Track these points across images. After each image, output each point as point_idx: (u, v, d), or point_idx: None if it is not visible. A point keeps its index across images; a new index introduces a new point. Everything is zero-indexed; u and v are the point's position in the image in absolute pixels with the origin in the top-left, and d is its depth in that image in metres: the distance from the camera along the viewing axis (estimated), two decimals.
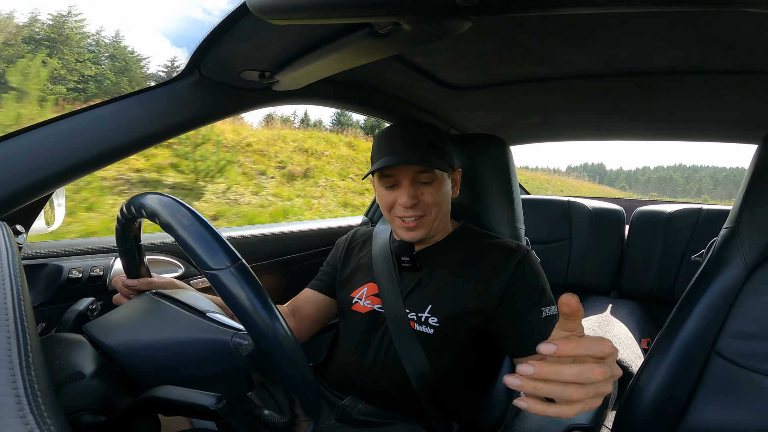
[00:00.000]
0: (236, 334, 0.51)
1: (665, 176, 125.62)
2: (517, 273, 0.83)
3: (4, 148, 0.68)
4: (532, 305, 0.81)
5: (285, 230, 1.38)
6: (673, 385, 0.83)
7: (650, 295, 1.93)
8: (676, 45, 0.80)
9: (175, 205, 0.50)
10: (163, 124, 0.79)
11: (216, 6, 24.64)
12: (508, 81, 1.08)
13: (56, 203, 0.86)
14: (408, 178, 0.84)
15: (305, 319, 1.00)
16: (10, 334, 0.32)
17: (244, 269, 0.47)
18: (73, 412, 0.44)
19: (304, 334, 1.00)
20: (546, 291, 0.84)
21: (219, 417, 0.43)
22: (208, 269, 0.46)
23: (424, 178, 0.84)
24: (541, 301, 0.82)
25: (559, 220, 2.06)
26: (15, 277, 0.39)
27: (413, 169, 0.84)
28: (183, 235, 0.48)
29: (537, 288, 0.83)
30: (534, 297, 0.82)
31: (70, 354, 0.50)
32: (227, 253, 0.47)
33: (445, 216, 0.90)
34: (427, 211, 0.86)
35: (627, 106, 1.23)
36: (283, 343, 0.47)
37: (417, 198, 0.84)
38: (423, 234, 0.87)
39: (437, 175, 0.85)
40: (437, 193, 0.85)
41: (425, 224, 0.87)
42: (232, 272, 0.46)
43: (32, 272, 0.85)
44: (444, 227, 0.93)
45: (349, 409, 0.85)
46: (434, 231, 0.89)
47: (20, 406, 0.27)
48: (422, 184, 0.85)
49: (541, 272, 0.86)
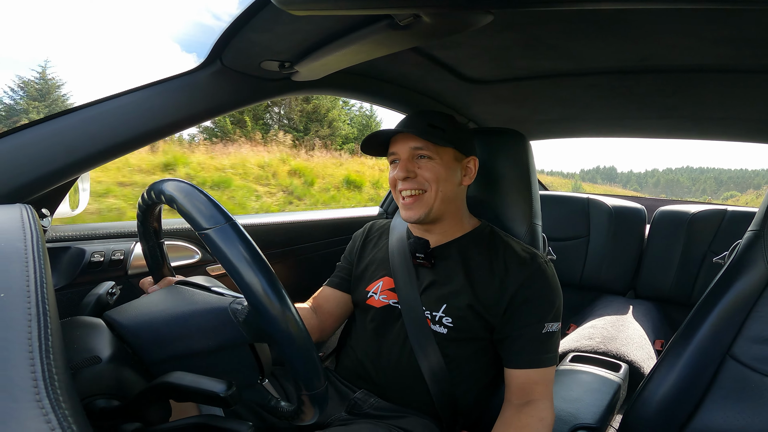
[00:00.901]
0: (234, 300, 0.52)
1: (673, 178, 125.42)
2: (528, 283, 0.82)
3: (31, 134, 0.70)
4: (535, 319, 0.81)
5: (299, 219, 1.39)
6: (685, 387, 0.82)
7: (668, 296, 1.89)
8: (706, 43, 0.77)
9: (180, 183, 0.52)
10: (186, 112, 0.81)
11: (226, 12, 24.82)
12: (530, 75, 1.06)
13: (81, 188, 0.89)
14: (405, 151, 0.86)
15: (327, 316, 1.01)
16: (31, 316, 0.33)
17: (235, 227, 0.48)
18: (87, 396, 0.45)
19: (327, 331, 1.01)
20: (554, 306, 0.83)
21: (228, 403, 0.43)
22: (201, 229, 0.48)
23: (422, 152, 0.85)
24: (545, 317, 0.81)
25: (577, 217, 2.02)
26: (38, 260, 0.40)
27: (410, 144, 0.85)
28: (181, 202, 0.50)
29: (545, 302, 0.82)
30: (539, 311, 0.81)
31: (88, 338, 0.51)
32: (220, 213, 0.48)
33: (449, 199, 0.88)
34: (425, 185, 0.85)
35: (653, 103, 1.19)
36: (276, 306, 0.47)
37: (414, 172, 0.85)
38: (421, 214, 0.85)
39: (438, 152, 0.85)
40: (437, 169, 0.85)
41: (424, 202, 0.85)
42: (223, 230, 0.47)
43: (56, 255, 0.87)
44: (456, 218, 0.92)
45: (360, 402, 0.86)
46: (437, 213, 0.87)
47: (37, 390, 0.28)
48: (420, 158, 0.85)
49: (554, 286, 0.84)
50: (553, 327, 0.81)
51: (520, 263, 0.84)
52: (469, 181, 0.91)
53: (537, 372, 0.80)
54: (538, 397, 0.79)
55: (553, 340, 0.82)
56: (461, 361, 0.85)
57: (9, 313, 0.33)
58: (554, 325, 0.82)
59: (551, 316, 0.82)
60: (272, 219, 1.32)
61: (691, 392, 0.82)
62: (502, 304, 0.82)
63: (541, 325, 0.80)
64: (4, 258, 0.39)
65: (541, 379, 0.80)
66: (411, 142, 0.85)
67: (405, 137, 0.86)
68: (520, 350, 0.81)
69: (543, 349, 0.80)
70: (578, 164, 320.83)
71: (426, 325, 0.84)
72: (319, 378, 0.51)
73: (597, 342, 1.43)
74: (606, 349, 1.38)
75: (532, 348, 0.80)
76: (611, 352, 1.36)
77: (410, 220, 0.87)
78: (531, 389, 0.80)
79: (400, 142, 0.86)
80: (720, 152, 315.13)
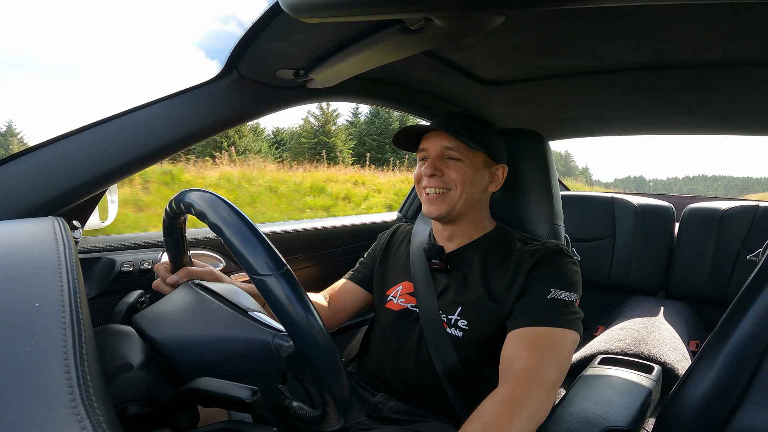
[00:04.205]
0: (277, 335, 0.53)
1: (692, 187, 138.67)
2: (537, 264, 0.82)
3: (59, 149, 0.73)
4: (539, 286, 0.79)
5: (321, 226, 1.41)
6: (722, 388, 0.79)
7: (701, 296, 1.81)
8: (730, 37, 0.74)
9: (223, 206, 0.52)
10: (206, 122, 0.83)
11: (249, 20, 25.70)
12: (548, 75, 1.04)
13: (110, 200, 0.92)
14: (436, 150, 0.86)
15: (340, 309, 1.02)
16: (65, 325, 0.34)
17: (288, 275, 0.49)
18: (120, 403, 0.47)
19: (337, 323, 1.02)
20: (564, 276, 0.80)
21: (253, 409, 0.44)
22: (255, 275, 0.49)
23: (452, 153, 0.85)
24: (552, 284, 0.78)
25: (602, 217, 1.97)
26: (71, 271, 0.41)
27: (442, 143, 0.85)
28: (231, 239, 0.50)
29: (551, 272, 0.80)
30: (545, 280, 0.79)
31: (120, 345, 0.53)
32: (274, 260, 0.49)
33: (473, 202, 0.87)
34: (451, 185, 0.85)
35: (678, 99, 1.16)
36: (323, 348, 0.49)
37: (441, 171, 0.85)
38: (444, 210, 0.85)
39: (468, 156, 0.85)
40: (465, 171, 0.85)
41: (448, 201, 0.85)
42: (277, 279, 0.48)
43: (87, 265, 0.91)
44: (478, 222, 0.91)
45: (380, 406, 0.86)
46: (458, 213, 0.87)
47: (72, 397, 0.29)
48: (450, 159, 0.86)
49: (566, 266, 0.81)
50: (562, 295, 0.77)
51: (531, 252, 0.84)
52: (495, 188, 0.91)
53: (529, 331, 0.73)
54: (520, 365, 0.69)
55: (563, 306, 0.76)
56: (478, 363, 0.84)
57: (44, 322, 0.34)
58: (563, 293, 0.77)
59: (559, 284, 0.78)
60: (294, 226, 1.34)
61: (729, 393, 0.79)
62: (515, 292, 0.81)
63: (547, 290, 0.77)
64: (39, 269, 0.41)
65: (530, 342, 0.72)
66: (443, 141, 0.85)
67: (438, 135, 0.86)
68: (517, 315, 0.77)
69: (543, 311, 0.75)
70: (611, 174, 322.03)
71: (442, 329, 0.84)
72: (350, 399, 0.53)
73: (627, 344, 1.39)
74: (637, 350, 1.33)
75: (531, 310, 0.75)
76: (643, 353, 1.31)
77: (431, 215, 0.87)
78: (516, 356, 0.71)
79: (432, 139, 0.87)
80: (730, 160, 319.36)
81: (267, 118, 3.51)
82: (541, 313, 0.75)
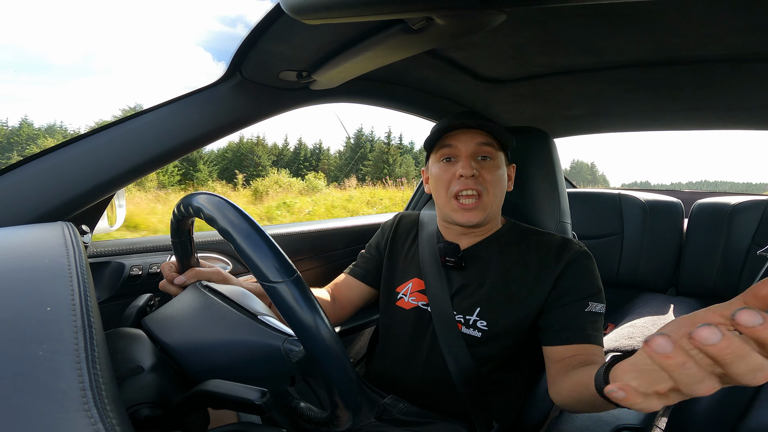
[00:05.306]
0: (287, 340, 0.53)
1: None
2: (567, 271, 0.80)
3: (67, 154, 0.73)
4: (576, 300, 0.78)
5: (325, 227, 1.41)
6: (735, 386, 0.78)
7: (712, 292, 1.79)
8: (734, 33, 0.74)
9: (232, 212, 0.52)
10: (211, 125, 0.83)
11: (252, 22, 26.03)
12: (551, 72, 1.04)
13: (117, 204, 0.93)
14: (470, 146, 0.82)
15: (345, 305, 1.00)
16: (77, 329, 0.34)
17: (299, 282, 0.49)
18: (132, 406, 0.47)
19: (342, 318, 1.01)
20: (595, 288, 0.80)
21: (263, 411, 0.44)
22: (266, 282, 0.49)
23: (484, 151, 0.82)
24: (588, 297, 0.78)
25: (609, 213, 1.95)
26: (82, 275, 0.42)
27: (475, 140, 0.81)
28: (242, 246, 0.50)
29: (585, 285, 0.79)
30: (580, 293, 0.78)
31: (131, 348, 0.53)
32: (284, 267, 0.49)
33: (500, 203, 0.86)
34: (485, 188, 0.81)
35: (683, 94, 1.15)
36: (333, 353, 0.49)
37: (478, 171, 0.81)
38: (481, 217, 0.82)
39: (497, 153, 0.83)
40: (496, 171, 0.82)
41: (483, 207, 0.82)
42: (288, 286, 0.48)
43: (97, 270, 0.92)
44: (495, 221, 0.90)
45: (389, 408, 0.85)
46: (490, 217, 0.85)
47: (85, 400, 0.29)
48: (482, 159, 0.82)
49: (592, 269, 0.81)
50: (597, 308, 0.77)
51: (556, 252, 0.82)
52: (510, 188, 0.90)
53: (584, 347, 0.74)
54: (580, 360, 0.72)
55: (597, 320, 0.77)
56: (495, 363, 0.83)
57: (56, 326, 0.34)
58: (598, 306, 0.77)
59: (594, 297, 0.78)
60: (299, 228, 1.34)
61: (742, 390, 0.78)
62: (540, 298, 0.79)
63: (585, 303, 0.77)
64: (50, 274, 0.41)
65: (580, 353, 0.74)
66: (477, 138, 0.81)
67: (469, 133, 0.82)
68: (560, 328, 0.77)
69: (589, 327, 0.75)
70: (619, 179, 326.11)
71: (456, 329, 0.83)
72: (359, 402, 0.53)
73: (638, 341, 1.37)
74: None
75: (577, 324, 0.75)
76: None
77: (469, 224, 0.83)
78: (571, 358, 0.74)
79: (462, 137, 0.82)
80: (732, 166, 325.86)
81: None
82: (583, 328, 0.75)
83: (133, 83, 65.24)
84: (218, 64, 68.80)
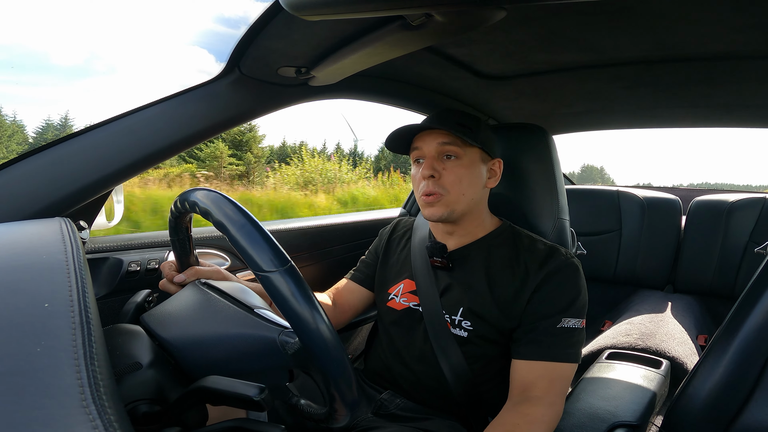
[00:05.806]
0: (283, 331, 0.53)
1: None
2: (547, 279, 0.79)
3: (65, 150, 0.73)
4: (550, 312, 0.78)
5: (324, 223, 1.41)
6: (732, 382, 0.78)
7: (709, 289, 1.80)
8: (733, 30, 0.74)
9: (227, 204, 0.52)
10: (209, 121, 0.83)
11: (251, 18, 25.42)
12: (550, 69, 1.03)
13: (115, 200, 0.93)
14: (432, 148, 0.82)
15: (346, 309, 1.01)
16: (75, 325, 0.34)
17: (292, 271, 0.49)
18: (130, 402, 0.47)
19: (342, 323, 1.02)
20: (575, 301, 0.79)
21: (261, 407, 0.44)
22: (259, 271, 0.49)
23: (448, 150, 0.82)
24: (563, 311, 0.77)
25: (607, 210, 1.96)
26: (80, 271, 0.42)
27: (437, 140, 0.82)
28: (236, 237, 0.50)
29: (563, 296, 0.79)
30: (556, 304, 0.78)
31: (129, 345, 0.53)
32: (278, 256, 0.49)
33: (474, 201, 0.85)
34: (444, 188, 0.82)
35: (683, 92, 1.15)
36: (329, 344, 0.49)
37: (439, 172, 0.82)
38: (442, 212, 0.82)
39: (465, 152, 0.82)
40: (461, 171, 0.82)
41: (445, 203, 0.82)
42: (281, 275, 0.48)
43: (95, 265, 0.91)
44: (479, 220, 0.89)
45: (386, 403, 0.86)
46: (459, 214, 0.84)
47: (83, 396, 0.29)
48: (447, 158, 0.83)
49: (576, 281, 0.81)
50: (571, 323, 0.77)
51: (541, 261, 0.81)
52: (493, 184, 0.89)
53: (542, 366, 0.76)
54: (538, 394, 0.74)
55: (570, 337, 0.77)
56: (484, 362, 0.83)
57: (54, 323, 0.34)
58: (573, 321, 0.77)
59: (570, 311, 0.78)
60: (298, 224, 1.34)
61: (738, 388, 0.78)
62: (521, 304, 0.79)
63: (557, 319, 0.77)
64: (48, 270, 0.41)
65: (545, 374, 0.75)
66: (439, 138, 0.82)
67: (432, 133, 0.83)
68: (528, 342, 0.77)
69: (555, 343, 0.76)
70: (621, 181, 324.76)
71: (446, 328, 0.84)
72: (357, 396, 0.53)
73: (635, 338, 1.38)
74: (645, 345, 1.32)
75: (542, 340, 0.76)
76: (651, 348, 1.31)
77: (431, 218, 0.85)
78: (532, 385, 0.75)
79: (426, 138, 0.84)
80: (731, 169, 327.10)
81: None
82: (552, 345, 0.76)
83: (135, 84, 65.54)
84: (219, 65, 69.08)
